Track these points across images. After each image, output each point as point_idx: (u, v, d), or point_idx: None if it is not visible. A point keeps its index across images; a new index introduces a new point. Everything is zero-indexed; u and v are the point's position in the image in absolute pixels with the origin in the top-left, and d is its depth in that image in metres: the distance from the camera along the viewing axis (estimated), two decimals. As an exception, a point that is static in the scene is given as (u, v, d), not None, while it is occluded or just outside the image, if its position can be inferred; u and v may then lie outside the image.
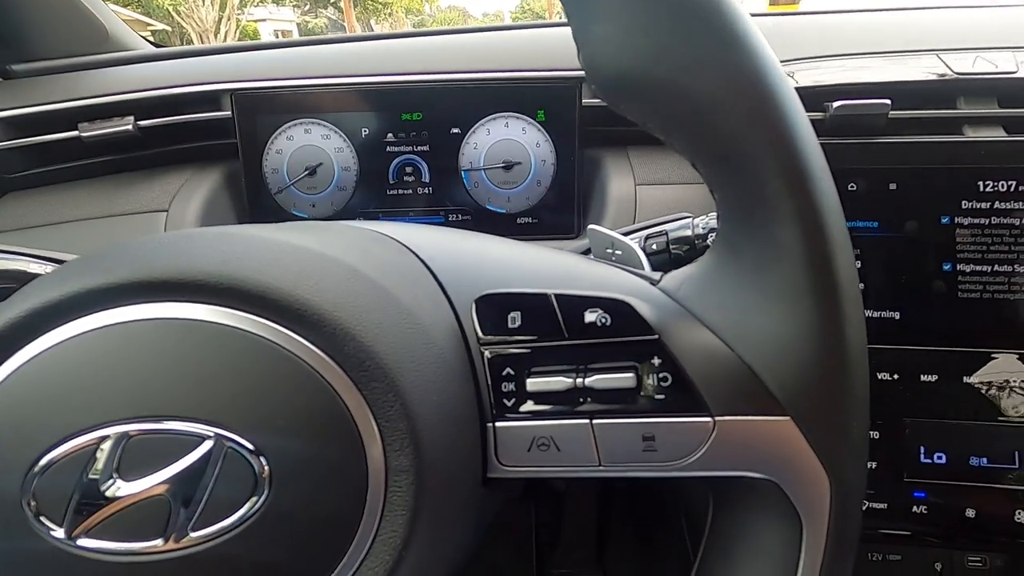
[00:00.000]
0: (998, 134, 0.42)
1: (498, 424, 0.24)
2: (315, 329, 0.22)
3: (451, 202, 0.56)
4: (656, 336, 0.23)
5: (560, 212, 0.55)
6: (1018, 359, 0.41)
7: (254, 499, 0.21)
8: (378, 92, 0.54)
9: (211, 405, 0.22)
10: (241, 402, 0.22)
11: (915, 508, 0.42)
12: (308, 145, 0.55)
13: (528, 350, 0.24)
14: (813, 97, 0.43)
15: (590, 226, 0.31)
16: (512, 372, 0.24)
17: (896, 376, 0.42)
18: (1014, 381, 0.41)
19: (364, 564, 0.22)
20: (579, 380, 0.24)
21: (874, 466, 0.43)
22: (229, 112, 0.54)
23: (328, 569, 0.22)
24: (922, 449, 0.42)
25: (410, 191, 0.56)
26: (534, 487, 0.64)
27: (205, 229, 0.25)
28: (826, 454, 0.22)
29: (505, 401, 0.24)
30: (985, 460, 0.42)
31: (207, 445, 0.21)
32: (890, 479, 0.43)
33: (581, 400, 0.24)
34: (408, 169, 0.55)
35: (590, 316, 0.23)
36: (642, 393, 0.23)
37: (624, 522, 0.74)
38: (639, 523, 0.73)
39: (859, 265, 0.42)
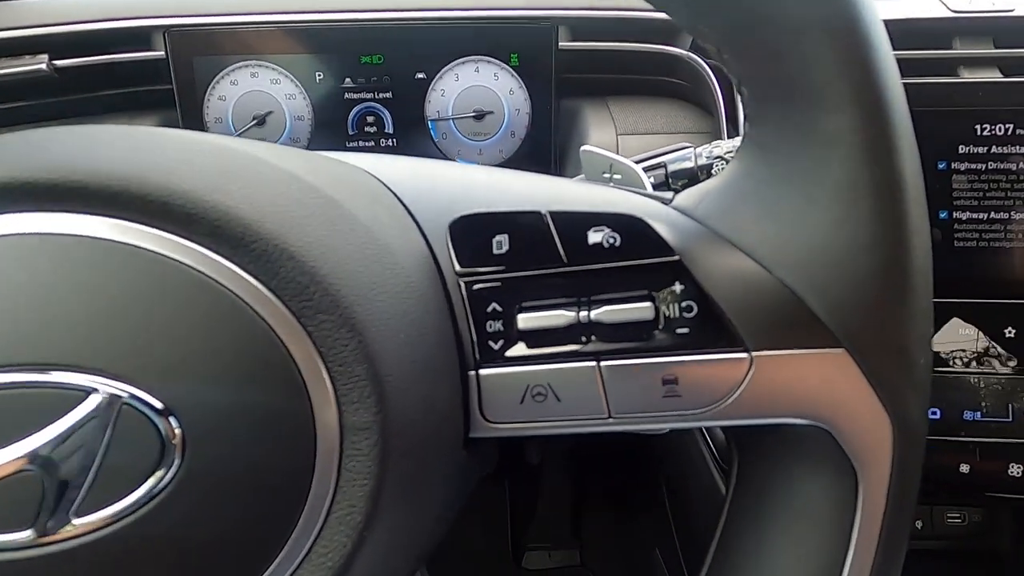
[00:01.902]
0: (994, 75, 0.41)
1: (483, 371, 0.20)
2: (240, 246, 0.17)
3: (417, 155, 0.52)
4: (677, 257, 0.19)
5: (536, 165, 0.51)
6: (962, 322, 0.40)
7: (160, 473, 0.17)
8: (334, 31, 0.49)
9: (97, 348, 0.17)
10: (140, 344, 0.17)
11: None
12: (255, 91, 0.49)
13: (518, 280, 0.20)
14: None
15: (584, 147, 0.27)
16: (499, 308, 0.20)
17: (892, 330, 0.41)
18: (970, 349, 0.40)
19: (313, 550, 0.18)
20: (582, 314, 0.20)
21: None
22: (162, 52, 0.48)
23: (264, 560, 0.18)
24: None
25: (371, 143, 0.51)
26: (508, 461, 0.61)
27: (97, 126, 0.20)
28: (888, 392, 0.18)
29: (491, 343, 0.20)
30: (979, 414, 0.41)
31: (92, 402, 0.16)
32: None
33: (585, 338, 0.20)
34: (369, 118, 0.51)
35: (594, 236, 0.19)
36: (661, 327, 0.19)
37: (600, 492, 0.72)
38: (616, 493, 0.72)
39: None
